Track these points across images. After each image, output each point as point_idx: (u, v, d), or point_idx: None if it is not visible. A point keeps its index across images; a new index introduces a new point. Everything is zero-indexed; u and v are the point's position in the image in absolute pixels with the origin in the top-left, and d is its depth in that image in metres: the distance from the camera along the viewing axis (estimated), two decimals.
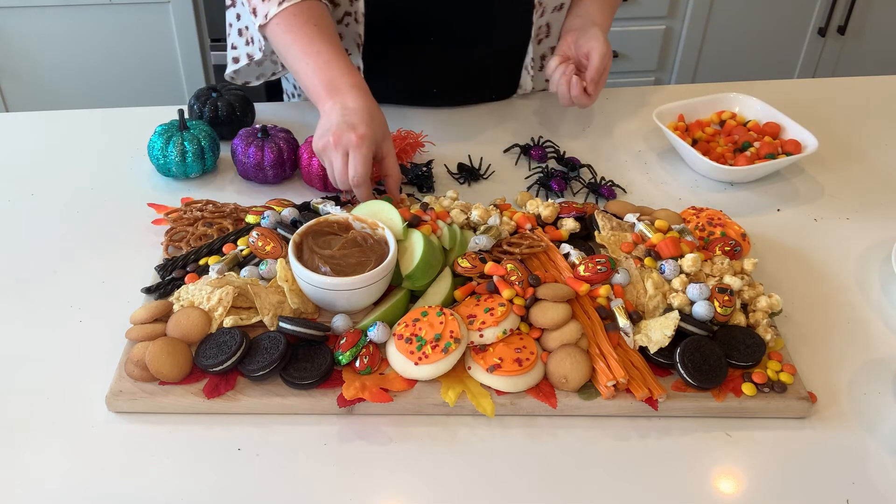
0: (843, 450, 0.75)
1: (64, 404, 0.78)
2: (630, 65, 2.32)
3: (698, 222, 0.95)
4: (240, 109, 1.15)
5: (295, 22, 1.02)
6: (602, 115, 1.26)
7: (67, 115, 1.24)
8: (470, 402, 0.76)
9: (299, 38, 1.01)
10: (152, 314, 0.82)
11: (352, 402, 0.75)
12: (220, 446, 0.75)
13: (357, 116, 0.93)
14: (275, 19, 1.03)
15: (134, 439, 0.75)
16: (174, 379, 0.77)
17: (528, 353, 0.78)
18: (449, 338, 0.77)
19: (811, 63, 2.41)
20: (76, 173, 1.11)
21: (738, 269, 0.89)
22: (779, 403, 0.77)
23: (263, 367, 0.76)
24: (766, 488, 0.72)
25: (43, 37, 2.08)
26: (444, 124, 1.22)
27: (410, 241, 0.87)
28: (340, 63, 0.99)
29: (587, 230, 0.96)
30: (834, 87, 1.35)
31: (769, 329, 0.82)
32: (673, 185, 1.10)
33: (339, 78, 0.97)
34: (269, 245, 0.88)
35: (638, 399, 0.76)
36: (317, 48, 0.99)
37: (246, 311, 0.83)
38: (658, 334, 0.78)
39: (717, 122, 1.18)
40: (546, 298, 0.82)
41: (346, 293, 0.81)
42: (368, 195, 0.94)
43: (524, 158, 1.15)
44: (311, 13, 1.02)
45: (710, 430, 0.77)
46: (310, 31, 1.01)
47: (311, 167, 1.04)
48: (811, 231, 1.02)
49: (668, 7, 2.22)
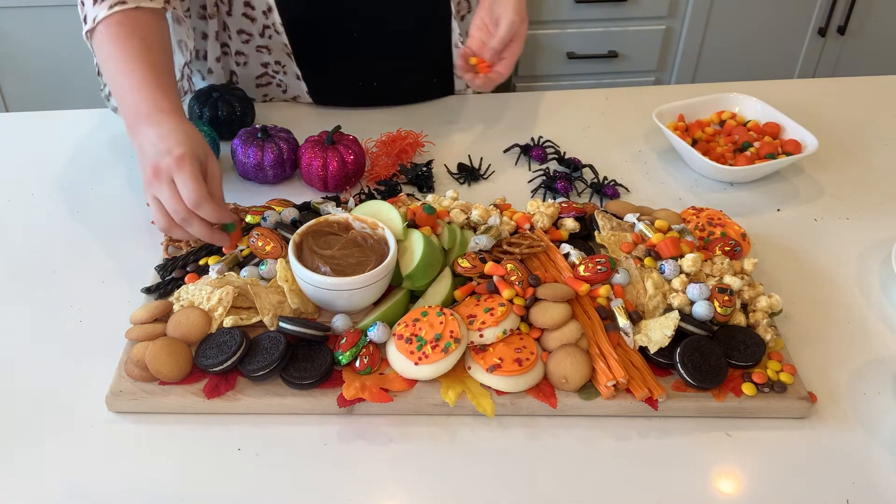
0: (843, 450, 0.75)
1: (64, 404, 0.78)
2: (630, 65, 2.32)
3: (698, 222, 0.95)
4: (240, 109, 1.15)
5: (118, 32, 0.91)
6: (602, 115, 1.26)
7: (67, 115, 1.24)
8: (470, 402, 0.76)
9: (118, 52, 0.90)
10: (152, 314, 0.82)
11: (352, 402, 0.75)
12: (219, 446, 0.75)
13: (171, 139, 0.83)
14: (100, 26, 0.92)
15: (134, 439, 0.75)
16: (174, 379, 0.77)
17: (528, 353, 0.78)
18: (449, 338, 0.77)
19: (811, 63, 2.41)
20: (76, 173, 1.11)
21: (738, 269, 0.89)
22: (779, 403, 0.77)
23: (263, 367, 0.76)
24: (766, 488, 0.72)
25: (43, 37, 2.08)
26: (443, 122, 1.22)
27: (410, 241, 0.87)
28: (152, 84, 0.88)
29: (587, 230, 0.96)
30: (834, 87, 1.35)
31: (769, 329, 0.82)
32: (673, 185, 1.10)
33: (146, 103, 0.87)
34: (269, 245, 0.88)
35: (638, 399, 0.76)
36: (133, 66, 0.88)
37: (246, 311, 0.83)
38: (658, 334, 0.78)
39: (717, 122, 1.18)
40: (546, 298, 0.82)
41: (346, 293, 0.81)
42: (216, 211, 0.83)
43: (524, 158, 1.15)
44: (139, 25, 0.92)
45: (710, 430, 0.77)
46: (132, 46, 0.90)
47: (312, 167, 1.04)
48: (811, 231, 1.02)
49: (668, 7, 2.22)
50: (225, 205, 0.88)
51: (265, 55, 1.20)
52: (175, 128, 0.85)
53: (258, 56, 1.20)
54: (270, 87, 1.26)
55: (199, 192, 0.81)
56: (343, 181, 1.05)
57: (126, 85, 0.88)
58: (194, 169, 0.82)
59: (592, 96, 1.31)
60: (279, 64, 1.21)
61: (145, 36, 0.91)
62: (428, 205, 0.90)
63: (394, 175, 1.09)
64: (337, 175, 1.04)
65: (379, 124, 1.20)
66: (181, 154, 0.82)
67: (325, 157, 1.04)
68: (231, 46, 1.20)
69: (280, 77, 1.23)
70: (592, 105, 1.28)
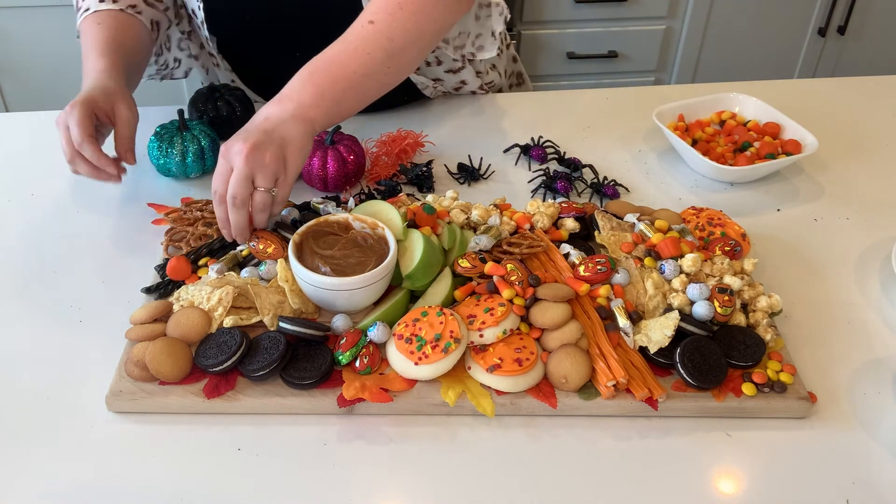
0: (843, 450, 0.75)
1: (64, 404, 0.78)
2: (630, 65, 2.32)
3: (698, 222, 0.95)
4: (240, 109, 1.15)
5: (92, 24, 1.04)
6: (602, 115, 1.26)
7: None
8: (470, 402, 0.76)
9: (87, 39, 1.03)
10: (152, 314, 0.82)
11: (352, 402, 0.75)
12: (220, 446, 0.75)
13: (78, 95, 0.95)
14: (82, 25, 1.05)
15: (134, 439, 0.75)
16: (174, 379, 0.77)
17: (528, 353, 0.78)
18: (449, 338, 0.77)
19: (811, 63, 2.41)
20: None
21: (738, 269, 0.88)
22: (779, 403, 0.77)
23: (263, 367, 0.76)
24: (766, 488, 0.72)
25: (43, 37, 2.08)
26: (443, 122, 1.22)
27: (410, 241, 0.87)
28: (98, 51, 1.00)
29: (587, 230, 0.96)
30: (834, 87, 1.35)
31: (769, 329, 0.82)
32: (673, 185, 1.10)
33: (89, 70, 0.99)
34: (269, 247, 0.88)
35: (638, 399, 0.76)
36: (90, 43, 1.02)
37: (246, 311, 0.83)
38: (658, 334, 0.78)
39: (717, 122, 1.18)
40: (546, 298, 0.82)
41: (346, 293, 0.81)
42: (97, 152, 0.93)
43: (524, 158, 1.15)
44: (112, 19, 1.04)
45: (710, 430, 0.77)
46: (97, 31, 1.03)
47: (312, 167, 1.04)
48: (811, 231, 1.02)
49: (668, 7, 2.22)
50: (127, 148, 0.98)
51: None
52: (91, 81, 0.97)
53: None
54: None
55: (79, 134, 0.92)
56: (343, 181, 1.05)
57: (83, 61, 1.01)
58: (77, 114, 0.92)
59: (592, 96, 1.31)
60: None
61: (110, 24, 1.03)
62: (428, 205, 0.90)
63: (394, 175, 1.09)
64: (337, 175, 1.04)
65: (379, 124, 1.20)
66: (73, 101, 0.94)
67: (325, 157, 1.04)
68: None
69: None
70: (592, 105, 1.28)
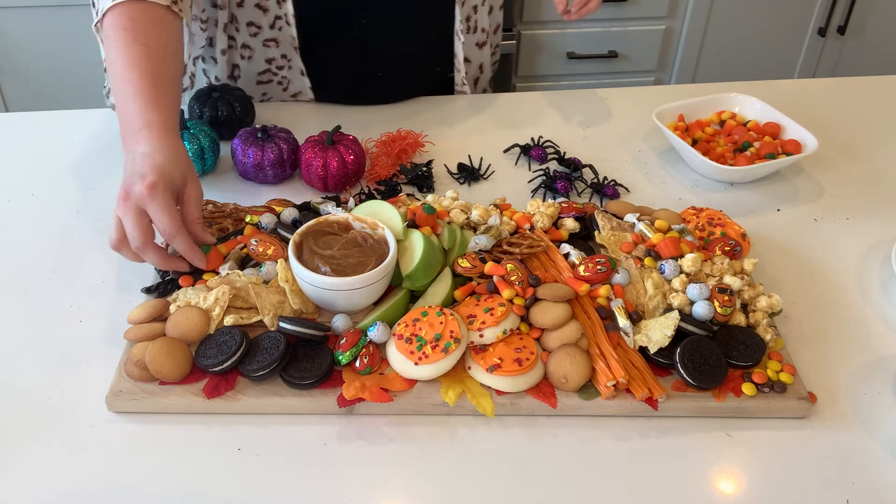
0: (843, 450, 0.75)
1: (64, 404, 0.78)
2: (630, 65, 2.32)
3: (698, 222, 0.95)
4: (240, 109, 1.15)
5: (122, 38, 0.89)
6: (602, 115, 1.26)
7: (67, 115, 1.24)
8: (470, 402, 0.76)
9: (120, 56, 0.89)
10: (149, 314, 0.82)
11: (352, 402, 0.75)
12: (220, 446, 0.75)
13: (148, 162, 0.82)
14: (106, 20, 0.91)
15: (134, 439, 0.75)
16: (174, 379, 0.77)
17: (528, 353, 0.78)
18: (449, 338, 0.77)
19: (811, 63, 2.41)
20: (76, 173, 1.10)
21: (738, 269, 0.88)
22: (779, 403, 0.77)
23: (263, 367, 0.76)
24: (766, 488, 0.72)
25: (43, 37, 2.08)
26: (443, 122, 1.22)
27: (410, 241, 0.87)
28: (147, 96, 0.86)
29: (587, 230, 0.96)
30: (834, 87, 1.35)
31: (769, 329, 0.82)
32: (673, 185, 1.10)
33: (137, 117, 0.85)
34: (269, 249, 0.88)
35: (638, 399, 0.76)
36: (131, 74, 0.87)
37: (246, 311, 0.83)
38: (658, 334, 0.78)
39: (717, 122, 1.18)
40: (546, 298, 0.82)
41: (346, 293, 0.81)
42: (189, 244, 0.84)
43: (524, 158, 1.15)
44: (145, 25, 0.90)
45: (710, 430, 0.77)
46: (135, 52, 0.88)
47: (312, 167, 1.04)
48: (811, 231, 1.02)
49: (668, 7, 2.22)
50: (204, 228, 0.88)
51: (272, 49, 1.21)
52: (157, 148, 0.83)
53: (264, 51, 1.21)
54: (271, 86, 1.26)
55: (172, 226, 0.81)
56: (343, 181, 1.05)
57: (123, 94, 0.87)
58: (165, 199, 0.81)
59: (592, 96, 1.31)
60: (285, 58, 1.22)
61: (149, 41, 0.90)
62: (428, 205, 0.90)
63: (394, 175, 1.09)
64: (337, 175, 1.04)
65: (379, 124, 1.20)
66: (153, 182, 0.81)
67: (325, 157, 1.04)
68: (238, 39, 1.20)
69: (283, 73, 1.23)
70: (592, 105, 1.28)
